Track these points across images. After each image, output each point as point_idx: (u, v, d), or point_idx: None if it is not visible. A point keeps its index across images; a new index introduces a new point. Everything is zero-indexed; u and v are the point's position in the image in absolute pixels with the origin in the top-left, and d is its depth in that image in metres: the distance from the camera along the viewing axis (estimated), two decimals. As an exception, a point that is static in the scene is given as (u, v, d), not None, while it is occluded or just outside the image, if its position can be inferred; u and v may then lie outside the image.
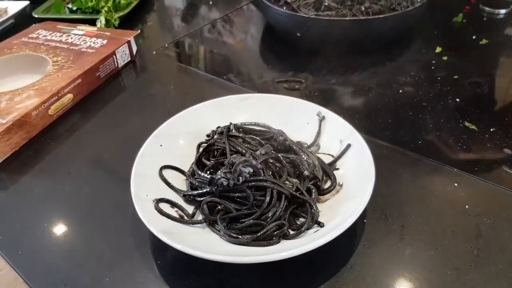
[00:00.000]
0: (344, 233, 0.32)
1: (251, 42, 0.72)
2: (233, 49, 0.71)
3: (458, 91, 0.55)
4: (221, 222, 0.34)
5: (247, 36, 0.74)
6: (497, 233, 0.37)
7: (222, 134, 0.40)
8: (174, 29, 0.77)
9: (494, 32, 0.67)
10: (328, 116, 0.43)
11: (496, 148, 0.46)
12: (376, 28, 0.62)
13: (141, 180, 0.37)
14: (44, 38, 0.65)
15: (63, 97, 0.54)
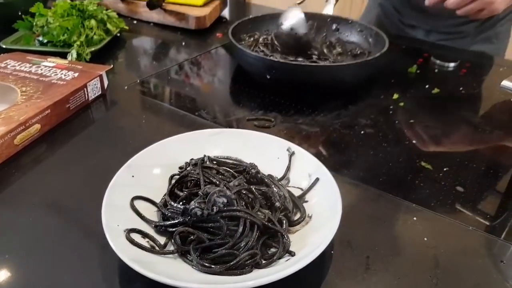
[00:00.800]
0: (313, 263, 0.33)
1: (222, 82, 0.75)
2: (205, 87, 0.73)
3: (414, 134, 0.59)
4: (194, 252, 0.35)
5: (218, 77, 0.77)
6: (453, 264, 0.39)
7: (196, 166, 0.41)
8: (145, 67, 0.78)
9: (445, 83, 0.74)
10: (297, 152, 0.46)
11: (450, 186, 0.49)
12: (339, 74, 0.67)
13: (112, 210, 0.37)
14: (13, 68, 0.65)
15: (30, 127, 0.53)
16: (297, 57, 0.72)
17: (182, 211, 0.37)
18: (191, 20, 0.91)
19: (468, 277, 0.38)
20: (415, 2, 0.90)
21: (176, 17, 0.92)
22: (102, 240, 0.34)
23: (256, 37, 0.79)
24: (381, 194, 0.47)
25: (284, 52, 0.73)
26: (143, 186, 0.41)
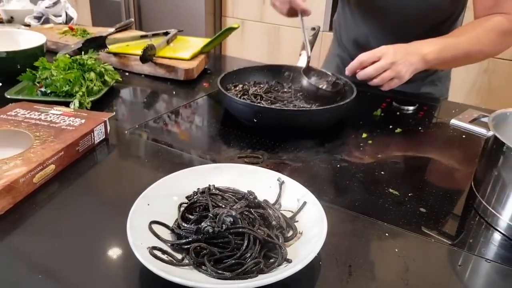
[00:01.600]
0: (306, 272, 0.41)
1: (212, 125, 0.83)
2: (197, 130, 0.81)
3: (382, 166, 0.69)
4: (208, 262, 0.41)
5: (208, 120, 0.85)
6: (420, 269, 0.47)
7: (203, 193, 0.49)
8: (142, 113, 0.86)
9: (406, 123, 0.85)
10: (286, 181, 0.54)
11: (414, 207, 0.58)
12: (316, 117, 0.77)
13: (135, 232, 0.44)
14: (23, 116, 0.71)
15: (47, 167, 0.59)
16: (281, 103, 0.83)
17: (195, 230, 0.44)
18: (180, 72, 1.01)
19: (432, 278, 0.46)
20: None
21: (166, 69, 1.02)
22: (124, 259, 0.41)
23: (243, 86, 0.89)
24: (357, 216, 0.56)
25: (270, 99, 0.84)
26: (157, 213, 0.48)
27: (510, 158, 0.53)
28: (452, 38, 0.87)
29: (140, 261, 0.40)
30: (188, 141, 0.77)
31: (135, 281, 0.43)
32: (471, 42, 0.86)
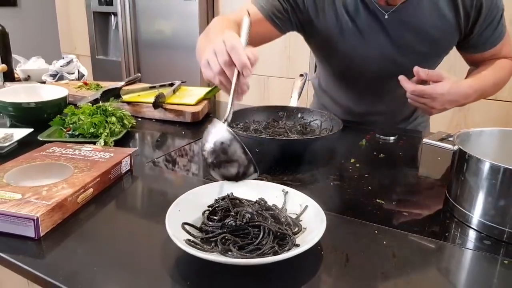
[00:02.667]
0: (311, 258, 0.52)
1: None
2: (206, 162, 0.93)
3: (369, 182, 0.81)
4: (234, 248, 0.52)
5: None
6: (404, 254, 0.58)
7: (224, 199, 0.60)
8: (157, 150, 0.98)
9: (387, 150, 0.98)
10: (289, 191, 0.66)
11: (398, 212, 0.70)
12: (308, 145, 0.90)
13: (172, 229, 0.54)
14: (60, 152, 0.83)
15: (87, 190, 0.70)
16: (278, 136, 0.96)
17: (221, 225, 0.55)
18: (188, 115, 1.14)
19: (414, 261, 0.57)
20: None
21: (175, 113, 1.16)
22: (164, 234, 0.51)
23: (244, 124, 1.02)
24: (351, 219, 0.67)
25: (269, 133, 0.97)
26: (186, 216, 0.59)
27: (473, 165, 0.66)
28: (481, 78, 1.02)
29: (181, 247, 0.50)
30: (198, 169, 0.88)
31: (173, 270, 0.53)
32: (494, 74, 1.04)
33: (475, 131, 0.75)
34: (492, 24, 1.00)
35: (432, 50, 1.05)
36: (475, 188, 0.65)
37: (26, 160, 0.79)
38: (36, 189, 0.67)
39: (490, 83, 1.04)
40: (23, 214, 0.60)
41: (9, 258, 0.56)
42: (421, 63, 0.97)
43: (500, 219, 0.63)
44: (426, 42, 1.02)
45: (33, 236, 0.60)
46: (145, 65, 2.74)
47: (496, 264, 0.57)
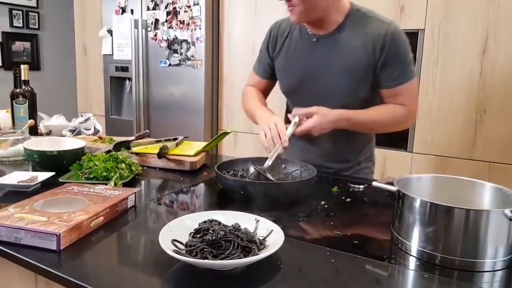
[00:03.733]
0: (272, 268, 0.67)
1: (212, 198, 1.12)
2: (200, 201, 1.10)
3: (332, 219, 0.96)
4: (210, 255, 0.68)
5: (208, 196, 1.14)
6: (347, 269, 0.73)
7: (205, 222, 0.77)
8: (159, 191, 1.15)
9: (355, 196, 1.14)
10: (260, 220, 0.82)
11: (350, 241, 0.85)
12: (287, 189, 1.07)
13: (163, 243, 0.70)
14: (78, 190, 1.01)
15: (98, 218, 0.87)
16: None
17: (201, 240, 0.71)
18: (187, 164, 1.33)
19: (353, 273, 0.72)
20: None
21: (176, 163, 1.34)
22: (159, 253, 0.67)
23: (233, 172, 1.20)
24: (309, 244, 0.82)
25: (251, 179, 1.14)
26: (176, 234, 0.75)
27: (407, 202, 0.82)
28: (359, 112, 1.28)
29: (169, 254, 0.66)
30: (193, 207, 1.05)
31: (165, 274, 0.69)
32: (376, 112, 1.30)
33: (413, 177, 0.92)
34: (392, 67, 1.23)
35: (351, 72, 1.27)
36: (411, 221, 0.81)
37: (50, 194, 0.97)
38: (59, 215, 0.84)
39: (369, 117, 1.29)
40: (48, 231, 0.76)
41: (38, 264, 0.72)
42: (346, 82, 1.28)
43: (432, 246, 0.78)
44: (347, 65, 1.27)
45: (55, 249, 0.76)
46: (154, 124, 2.99)
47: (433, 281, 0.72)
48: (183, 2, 2.72)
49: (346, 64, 1.27)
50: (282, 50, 1.40)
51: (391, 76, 1.25)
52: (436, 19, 2.05)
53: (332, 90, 1.30)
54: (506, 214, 0.74)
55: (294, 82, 1.38)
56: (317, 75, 1.32)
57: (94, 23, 3.32)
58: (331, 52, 1.29)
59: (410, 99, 1.29)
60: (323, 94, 1.31)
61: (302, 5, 1.21)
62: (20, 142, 1.43)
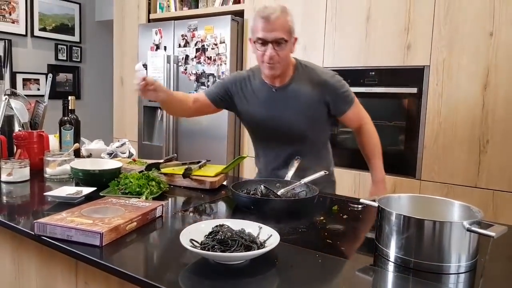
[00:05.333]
0: (269, 264, 0.85)
1: (227, 211, 1.31)
2: (217, 216, 1.29)
3: (326, 230, 1.13)
4: (219, 251, 0.86)
5: (224, 209, 1.33)
6: (332, 268, 0.89)
7: (216, 226, 0.95)
8: (182, 205, 1.35)
9: (352, 214, 1.30)
10: (263, 227, 1.00)
11: (339, 248, 1.01)
12: (289, 205, 1.24)
13: (183, 241, 0.89)
14: (116, 201, 1.22)
15: (132, 223, 1.07)
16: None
17: (212, 238, 0.89)
18: (207, 183, 1.52)
19: (338, 272, 0.88)
20: None
21: (198, 182, 1.54)
22: (180, 251, 0.86)
23: (246, 190, 1.39)
24: (303, 249, 0.99)
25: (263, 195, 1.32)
26: (193, 235, 0.94)
27: (385, 215, 0.98)
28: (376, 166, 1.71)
29: (188, 248, 0.85)
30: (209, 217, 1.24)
31: (184, 266, 0.87)
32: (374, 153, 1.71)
33: (394, 196, 1.08)
34: (339, 101, 1.61)
35: (309, 113, 1.60)
36: (388, 231, 0.97)
37: (93, 204, 1.18)
38: (101, 219, 1.04)
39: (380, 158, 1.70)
40: (94, 230, 0.97)
41: (85, 255, 0.92)
42: (305, 123, 1.61)
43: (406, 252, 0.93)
44: (304, 108, 1.59)
45: (98, 245, 0.96)
46: (182, 149, 3.23)
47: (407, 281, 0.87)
48: (210, 40, 3.00)
49: (303, 107, 1.59)
50: (245, 96, 1.67)
51: (340, 109, 1.63)
52: (440, 56, 2.22)
53: (293, 126, 1.62)
54: (464, 226, 0.89)
55: (259, 122, 1.67)
56: (279, 116, 1.62)
57: (131, 58, 3.66)
58: (289, 100, 1.59)
59: (363, 114, 1.70)
60: (285, 129, 1.63)
61: (282, 63, 1.52)
62: (66, 163, 1.67)
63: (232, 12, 3.02)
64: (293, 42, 1.54)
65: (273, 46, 1.47)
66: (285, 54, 1.51)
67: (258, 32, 1.48)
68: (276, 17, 1.44)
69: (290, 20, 1.49)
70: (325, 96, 1.58)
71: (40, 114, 1.92)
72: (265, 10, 1.46)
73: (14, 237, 1.19)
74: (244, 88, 1.67)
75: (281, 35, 1.46)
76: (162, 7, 3.50)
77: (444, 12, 2.19)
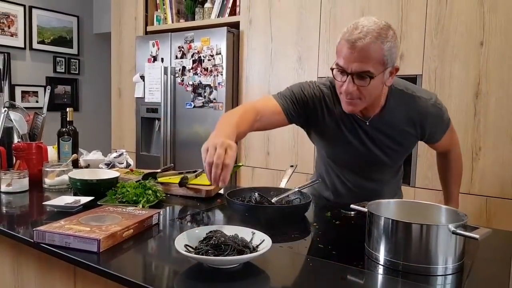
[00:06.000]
0: (262, 265, 0.87)
1: (225, 217, 1.33)
2: (213, 222, 1.31)
3: (318, 235, 1.16)
4: (213, 255, 0.89)
5: (220, 217, 1.36)
6: (321, 271, 0.92)
7: (210, 232, 0.98)
8: (178, 212, 1.37)
9: (345, 220, 1.33)
10: (256, 233, 1.02)
11: (330, 252, 1.04)
12: (282, 211, 1.27)
13: (178, 245, 0.92)
14: (113, 209, 1.24)
15: (128, 230, 1.10)
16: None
17: (206, 243, 0.92)
18: (203, 192, 1.55)
19: (326, 275, 0.91)
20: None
21: (194, 191, 1.57)
22: (175, 257, 0.88)
23: (242, 198, 1.42)
24: (295, 252, 1.02)
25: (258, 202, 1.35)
26: (188, 241, 0.97)
27: (374, 220, 1.01)
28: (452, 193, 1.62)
29: (182, 253, 0.88)
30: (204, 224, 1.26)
31: (180, 270, 0.90)
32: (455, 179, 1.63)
33: (384, 201, 1.11)
34: (436, 132, 1.39)
35: (399, 148, 1.41)
36: (377, 235, 1.00)
37: (91, 213, 1.21)
38: (99, 226, 1.07)
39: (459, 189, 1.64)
40: (91, 237, 1.00)
41: (83, 260, 0.95)
42: (393, 156, 1.42)
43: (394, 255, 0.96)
44: (395, 143, 1.39)
45: (96, 251, 0.99)
46: (179, 159, 3.26)
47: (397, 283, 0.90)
48: (207, 51, 3.05)
49: (395, 141, 1.38)
50: (325, 121, 1.39)
51: (436, 137, 1.42)
52: (432, 65, 2.27)
53: (380, 161, 1.43)
54: (449, 228, 0.92)
55: (344, 155, 1.45)
56: (368, 152, 1.40)
57: (128, 70, 3.70)
58: (380, 134, 1.36)
59: (455, 138, 1.53)
60: (371, 164, 1.45)
61: (366, 100, 1.23)
62: (64, 173, 1.69)
63: (228, 23, 3.08)
64: (388, 73, 1.21)
65: (353, 79, 1.18)
66: (370, 91, 1.20)
67: (339, 58, 1.20)
68: (365, 44, 1.13)
69: (385, 48, 1.15)
70: (424, 129, 1.36)
71: (38, 126, 1.95)
72: (354, 32, 1.16)
73: (13, 246, 1.22)
74: (326, 112, 1.38)
75: (365, 68, 1.15)
76: (159, 19, 3.56)
77: (435, 22, 2.25)
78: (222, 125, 1.19)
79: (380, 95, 1.29)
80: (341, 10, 2.56)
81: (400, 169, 1.61)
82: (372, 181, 1.53)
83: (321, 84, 1.40)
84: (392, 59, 1.18)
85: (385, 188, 1.56)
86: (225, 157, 1.03)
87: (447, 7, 2.21)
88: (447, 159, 1.58)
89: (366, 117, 1.35)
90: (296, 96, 1.37)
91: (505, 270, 0.97)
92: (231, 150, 1.04)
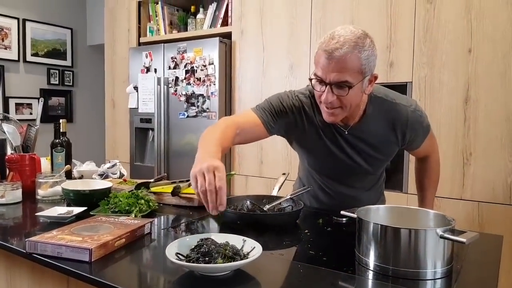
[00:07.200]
0: (253, 272, 0.88)
1: (218, 225, 1.34)
2: (207, 228, 1.32)
3: (309, 242, 1.16)
4: (203, 262, 0.90)
5: (214, 224, 1.37)
6: (312, 277, 0.93)
7: (202, 240, 0.99)
8: (171, 222, 1.38)
9: (336, 226, 1.34)
10: (247, 240, 1.03)
11: (321, 258, 1.05)
12: (274, 219, 1.28)
13: (169, 254, 0.93)
14: (105, 219, 1.25)
15: (120, 239, 1.10)
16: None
17: (197, 251, 0.93)
18: (196, 201, 1.56)
19: (315, 279, 0.92)
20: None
21: (187, 200, 1.58)
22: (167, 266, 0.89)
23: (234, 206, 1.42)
24: (286, 259, 1.03)
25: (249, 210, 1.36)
26: (179, 249, 0.97)
27: (363, 225, 1.02)
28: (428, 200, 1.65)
29: (173, 261, 0.88)
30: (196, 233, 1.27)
31: (171, 279, 0.90)
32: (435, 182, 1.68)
33: (373, 207, 1.12)
34: (417, 138, 1.41)
35: (380, 155, 1.43)
36: (367, 241, 1.01)
37: (84, 223, 1.21)
38: (91, 236, 1.08)
39: (434, 194, 1.68)
40: (83, 246, 1.00)
41: (75, 270, 0.95)
42: (374, 163, 1.44)
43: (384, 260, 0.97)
44: (376, 150, 1.40)
45: (88, 260, 0.99)
46: (173, 169, 3.26)
47: (371, 284, 0.91)
48: (199, 62, 3.07)
49: (376, 149, 1.40)
50: (305, 131, 1.40)
51: (416, 143, 1.44)
52: (421, 73, 2.30)
53: (361, 169, 1.45)
54: (438, 233, 0.93)
55: (325, 164, 1.49)
56: (348, 160, 1.42)
57: (122, 81, 3.72)
58: (360, 142, 1.38)
59: (434, 144, 1.56)
60: (352, 171, 1.47)
61: (346, 110, 1.24)
62: (58, 184, 1.69)
63: (220, 34, 3.11)
64: (367, 82, 1.22)
65: (331, 89, 1.18)
66: (350, 100, 1.21)
67: (317, 68, 1.20)
68: (342, 54, 1.13)
69: (363, 57, 1.15)
70: (404, 136, 1.37)
71: (32, 138, 1.95)
72: (330, 42, 1.15)
73: (6, 257, 1.22)
74: (306, 121, 1.39)
75: (344, 78, 1.15)
76: (152, 30, 3.58)
77: (424, 31, 2.29)
78: (206, 143, 1.19)
79: (360, 104, 1.30)
80: (331, 19, 2.60)
81: (382, 175, 1.62)
82: (353, 188, 1.55)
83: (300, 93, 1.40)
84: (370, 67, 1.19)
85: (367, 194, 1.58)
86: (215, 181, 1.01)
87: (435, 15, 2.25)
88: (426, 164, 1.60)
89: (346, 125, 1.36)
90: (275, 108, 1.37)
91: (493, 274, 0.99)
92: (219, 171, 1.02)
